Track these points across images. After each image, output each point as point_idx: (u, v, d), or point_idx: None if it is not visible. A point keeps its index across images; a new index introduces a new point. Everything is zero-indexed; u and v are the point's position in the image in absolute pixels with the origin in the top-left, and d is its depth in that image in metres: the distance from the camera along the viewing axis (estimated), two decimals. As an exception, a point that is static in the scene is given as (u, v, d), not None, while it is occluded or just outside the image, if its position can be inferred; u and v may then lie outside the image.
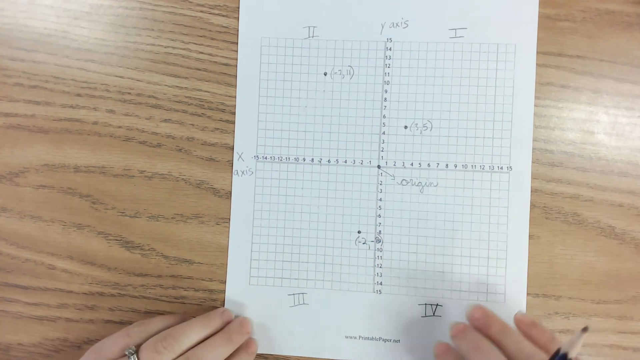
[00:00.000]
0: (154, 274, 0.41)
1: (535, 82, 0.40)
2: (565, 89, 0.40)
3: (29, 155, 0.42)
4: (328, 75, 0.41)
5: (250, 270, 0.41)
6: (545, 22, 0.40)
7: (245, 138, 0.41)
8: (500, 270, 0.40)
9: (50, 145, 0.42)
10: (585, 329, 0.29)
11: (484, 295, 0.40)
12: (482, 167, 0.40)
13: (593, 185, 0.40)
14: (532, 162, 0.40)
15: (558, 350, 0.29)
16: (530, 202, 0.40)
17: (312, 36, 0.41)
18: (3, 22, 0.42)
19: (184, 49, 0.41)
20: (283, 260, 0.41)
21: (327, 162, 0.41)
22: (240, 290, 0.41)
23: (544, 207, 0.40)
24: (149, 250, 0.41)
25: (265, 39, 0.41)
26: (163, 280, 0.41)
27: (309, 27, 0.41)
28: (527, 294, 0.40)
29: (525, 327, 0.35)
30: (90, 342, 0.41)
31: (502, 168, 0.40)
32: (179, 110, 0.41)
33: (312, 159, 0.41)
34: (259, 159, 0.41)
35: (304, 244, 0.41)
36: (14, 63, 0.42)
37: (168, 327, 0.37)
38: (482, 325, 0.36)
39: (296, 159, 0.41)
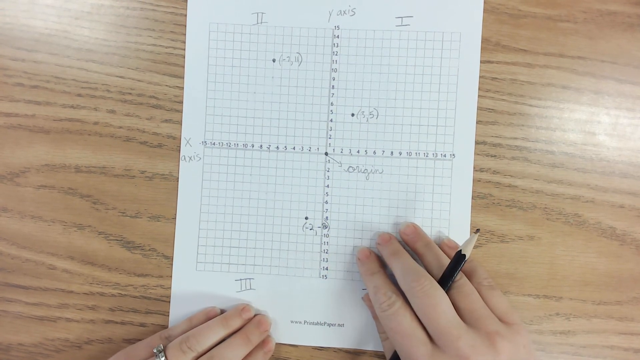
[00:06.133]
0: (155, 274, 0.41)
1: (537, 83, 0.40)
2: (566, 90, 0.40)
3: (29, 156, 0.42)
4: (277, 61, 0.41)
5: (197, 256, 0.41)
6: (546, 22, 0.40)
7: (193, 124, 0.41)
8: None
9: (51, 145, 0.42)
10: (477, 231, 0.36)
11: None
12: (426, 154, 0.40)
13: (594, 187, 0.40)
14: (534, 163, 0.40)
15: (458, 251, 0.35)
16: (532, 204, 0.40)
17: (261, 22, 0.41)
18: (4, 22, 0.42)
19: (184, 49, 0.41)
20: (230, 246, 0.41)
21: (276, 149, 0.41)
22: (187, 275, 0.41)
23: (545, 208, 0.40)
24: (149, 250, 0.41)
25: (213, 25, 0.41)
26: (164, 281, 0.41)
27: (257, 13, 0.41)
28: (528, 294, 0.40)
29: (448, 248, 0.39)
30: (90, 342, 0.41)
31: (445, 155, 0.40)
32: (180, 110, 0.41)
33: (261, 146, 0.41)
34: (207, 145, 0.41)
35: (251, 229, 0.41)
36: (14, 63, 0.42)
37: (192, 328, 0.39)
38: (410, 239, 0.39)
39: (244, 145, 0.41)
